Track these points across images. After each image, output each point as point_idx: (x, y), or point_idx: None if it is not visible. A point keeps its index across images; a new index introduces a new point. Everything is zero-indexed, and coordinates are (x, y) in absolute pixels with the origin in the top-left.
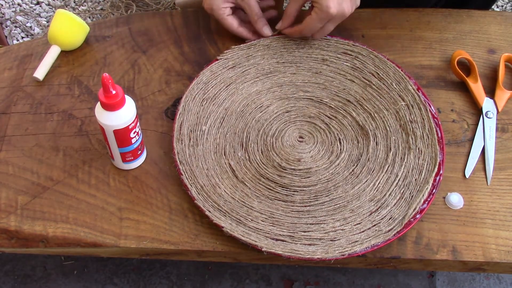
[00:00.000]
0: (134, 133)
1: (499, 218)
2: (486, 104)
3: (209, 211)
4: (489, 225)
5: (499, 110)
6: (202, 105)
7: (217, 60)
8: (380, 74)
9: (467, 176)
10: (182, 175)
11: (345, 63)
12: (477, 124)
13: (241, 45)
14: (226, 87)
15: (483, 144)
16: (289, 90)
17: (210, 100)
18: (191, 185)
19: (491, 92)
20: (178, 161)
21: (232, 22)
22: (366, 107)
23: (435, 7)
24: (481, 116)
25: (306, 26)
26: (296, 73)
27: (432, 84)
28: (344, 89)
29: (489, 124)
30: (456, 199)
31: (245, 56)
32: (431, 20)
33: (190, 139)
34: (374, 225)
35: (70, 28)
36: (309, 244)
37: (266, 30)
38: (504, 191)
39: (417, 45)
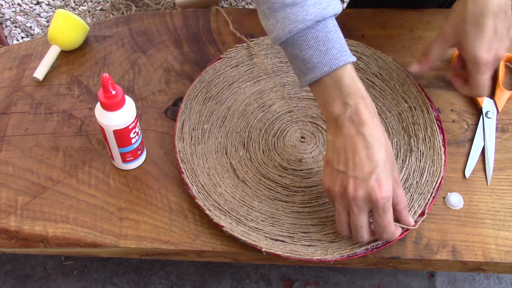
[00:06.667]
0: (134, 133)
1: (499, 218)
2: (486, 104)
3: (210, 210)
4: (489, 225)
5: (499, 110)
6: (204, 104)
7: (221, 58)
8: (383, 75)
9: (467, 176)
10: (183, 173)
11: None
12: (477, 124)
13: (245, 43)
14: (229, 85)
15: (483, 144)
16: (292, 90)
17: (212, 99)
18: (192, 184)
19: (491, 92)
20: (180, 160)
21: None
22: None
23: (440, 8)
24: (481, 116)
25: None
26: None
27: (432, 84)
28: None
29: (489, 124)
30: (456, 199)
31: (248, 55)
32: (431, 20)
33: (191, 138)
34: None
35: (70, 28)
36: (309, 245)
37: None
38: (504, 191)
39: (417, 45)
